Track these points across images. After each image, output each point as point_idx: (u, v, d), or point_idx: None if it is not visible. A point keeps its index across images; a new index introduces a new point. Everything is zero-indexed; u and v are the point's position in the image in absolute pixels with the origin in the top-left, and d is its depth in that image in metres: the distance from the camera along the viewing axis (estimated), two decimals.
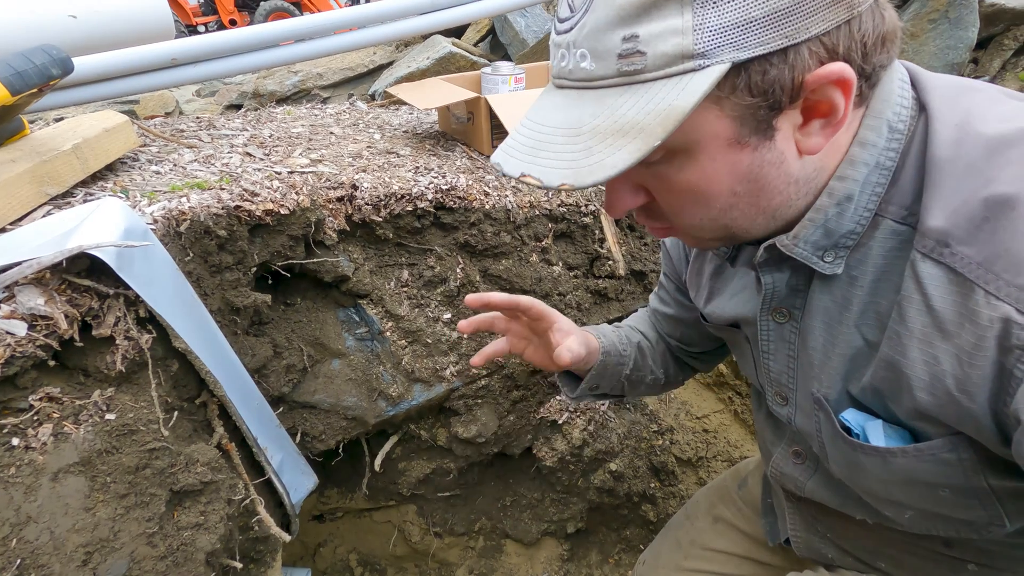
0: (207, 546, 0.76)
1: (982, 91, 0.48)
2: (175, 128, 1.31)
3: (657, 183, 0.49)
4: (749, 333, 0.66)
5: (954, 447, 0.49)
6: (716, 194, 0.47)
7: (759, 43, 0.39)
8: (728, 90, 0.41)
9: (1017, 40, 2.07)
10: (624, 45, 0.41)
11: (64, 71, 0.83)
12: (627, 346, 0.87)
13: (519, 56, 2.61)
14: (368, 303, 1.14)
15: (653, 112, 0.40)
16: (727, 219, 0.49)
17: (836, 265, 0.51)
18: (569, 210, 1.28)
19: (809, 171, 0.47)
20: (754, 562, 0.95)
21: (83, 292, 0.68)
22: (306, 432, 1.12)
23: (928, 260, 0.45)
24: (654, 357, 0.90)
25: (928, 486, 0.54)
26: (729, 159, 0.45)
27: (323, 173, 1.10)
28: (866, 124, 0.47)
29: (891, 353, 0.49)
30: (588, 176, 0.42)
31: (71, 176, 0.88)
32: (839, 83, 0.41)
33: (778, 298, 0.57)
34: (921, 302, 0.46)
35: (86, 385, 0.70)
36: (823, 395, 0.57)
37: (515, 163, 0.46)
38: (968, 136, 0.45)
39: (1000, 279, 0.41)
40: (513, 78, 1.37)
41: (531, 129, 0.47)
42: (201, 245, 0.86)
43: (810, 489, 0.70)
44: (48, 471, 0.63)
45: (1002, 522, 0.54)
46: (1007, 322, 0.41)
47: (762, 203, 0.48)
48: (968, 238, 0.43)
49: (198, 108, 4.38)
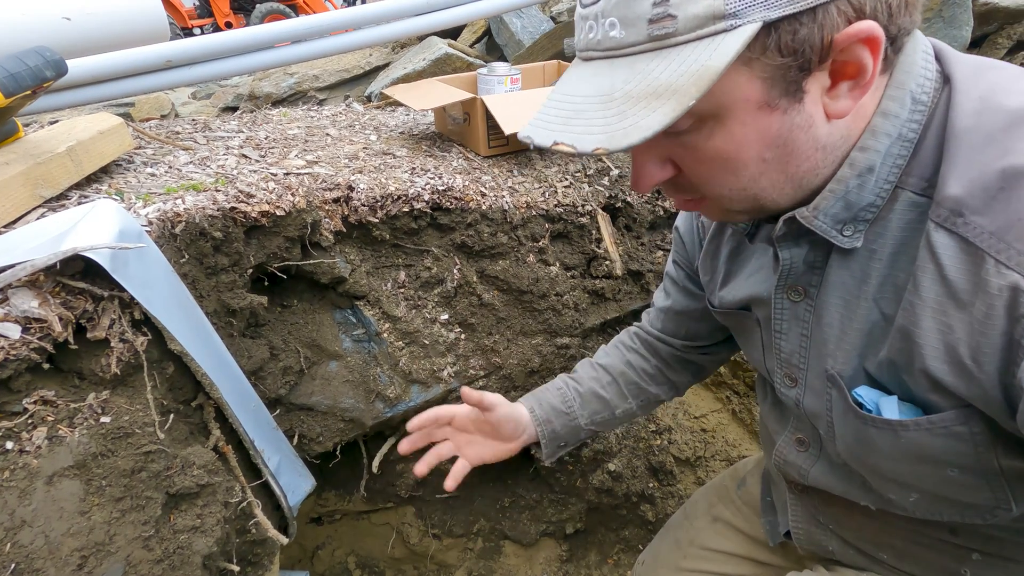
0: (204, 549, 0.76)
1: (1006, 68, 0.48)
2: (170, 130, 1.31)
3: (686, 153, 0.49)
4: (761, 315, 0.66)
5: (966, 419, 0.49)
6: (745, 160, 0.47)
7: (789, 2, 0.39)
8: (759, 51, 0.41)
9: (1011, 38, 2.08)
10: (655, 10, 0.41)
11: (58, 73, 0.83)
12: (572, 401, 0.90)
13: (515, 57, 2.61)
14: (365, 304, 1.14)
15: (687, 73, 0.40)
16: (756, 188, 0.49)
17: (855, 239, 0.51)
18: (566, 210, 1.28)
19: (836, 138, 0.47)
20: (753, 562, 0.95)
21: (77, 294, 0.68)
22: (303, 434, 1.12)
23: (942, 230, 0.45)
24: (617, 392, 0.92)
25: (936, 464, 0.53)
26: (759, 123, 0.44)
27: (319, 174, 1.09)
28: (888, 95, 0.47)
29: (905, 323, 0.49)
30: (624, 139, 0.41)
31: (65, 178, 0.88)
32: (867, 41, 0.42)
33: (795, 275, 0.57)
34: (935, 272, 0.46)
35: (81, 388, 0.70)
36: (837, 372, 0.57)
37: (546, 133, 0.46)
38: (990, 108, 0.45)
39: (1012, 248, 0.41)
40: (509, 79, 1.37)
41: (560, 102, 0.47)
42: (196, 247, 0.86)
43: (814, 476, 0.70)
44: (43, 475, 0.62)
45: (1008, 505, 0.54)
46: (1015, 290, 0.41)
47: (790, 169, 0.48)
48: (982, 208, 0.43)
49: (194, 111, 4.37)
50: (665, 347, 0.93)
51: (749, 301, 0.67)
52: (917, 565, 0.70)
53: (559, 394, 0.91)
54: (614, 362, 0.94)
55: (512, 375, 1.29)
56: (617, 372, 0.92)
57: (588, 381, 0.93)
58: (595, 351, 1.43)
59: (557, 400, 0.91)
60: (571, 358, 1.35)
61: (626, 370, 0.92)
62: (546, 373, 1.33)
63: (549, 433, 0.89)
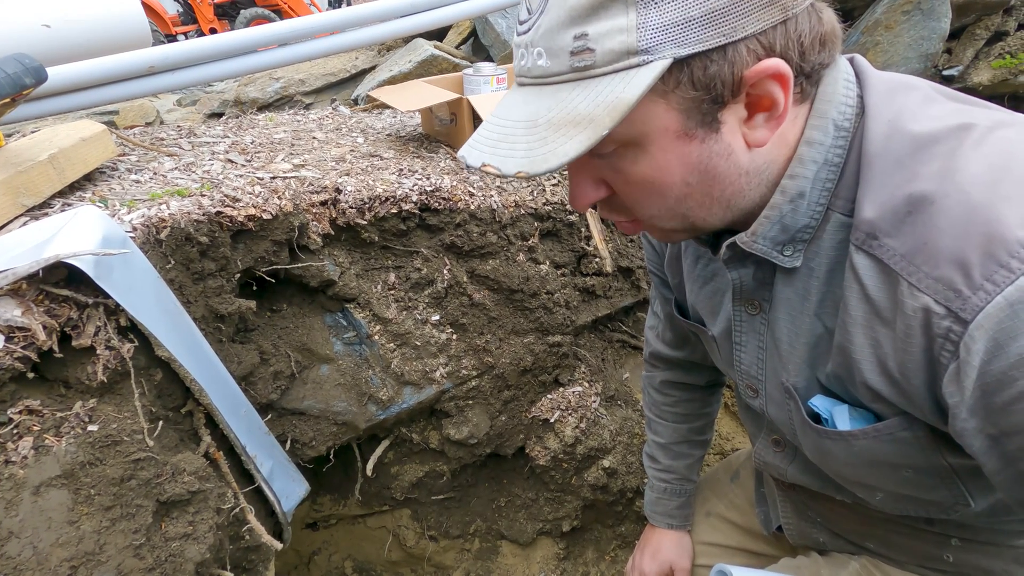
0: (196, 556, 0.75)
1: (918, 89, 0.50)
2: (155, 137, 1.30)
3: (615, 176, 0.51)
4: (721, 328, 0.68)
5: (909, 425, 0.51)
6: (670, 184, 0.49)
7: (698, 40, 0.42)
8: (672, 84, 0.43)
9: (988, 29, 2.11)
10: (575, 43, 0.43)
11: (37, 80, 0.82)
12: (686, 488, 1.00)
13: (501, 57, 2.62)
14: (355, 307, 1.14)
15: (602, 104, 0.43)
16: (683, 209, 0.51)
17: (795, 258, 0.53)
18: (555, 208, 1.29)
19: (759, 163, 0.49)
20: (748, 553, 0.96)
21: (61, 302, 0.67)
22: (296, 439, 1.11)
23: (861, 252, 0.47)
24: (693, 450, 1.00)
25: (891, 467, 0.56)
26: (679, 150, 0.47)
27: (306, 178, 1.09)
28: (811, 124, 0.49)
29: (841, 340, 0.51)
30: (543, 163, 0.44)
31: (48, 187, 0.87)
32: (776, 77, 0.44)
33: (747, 291, 0.59)
34: (859, 291, 0.48)
35: (67, 397, 0.69)
36: (792, 384, 0.59)
37: (477, 154, 0.48)
38: (897, 132, 0.47)
39: (920, 271, 0.43)
40: (495, 78, 1.38)
41: (494, 124, 0.49)
42: (182, 252, 0.85)
43: (792, 475, 0.72)
44: (29, 485, 0.62)
45: (966, 501, 0.57)
46: (928, 312, 0.43)
47: (715, 193, 0.50)
48: (893, 231, 0.45)
49: (179, 118, 4.34)
50: (686, 366, 0.95)
51: (711, 313, 0.69)
52: (902, 552, 0.72)
53: (678, 497, 1.00)
54: (673, 435, 0.99)
55: (505, 374, 1.29)
56: (682, 436, 0.98)
57: (682, 470, 1.00)
58: (587, 348, 1.43)
59: (684, 504, 1.00)
60: (563, 356, 1.35)
61: (680, 425, 0.98)
62: (538, 371, 1.33)
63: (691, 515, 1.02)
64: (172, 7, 8.60)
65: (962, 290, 0.41)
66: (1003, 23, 2.14)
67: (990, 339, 0.40)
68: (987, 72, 2.13)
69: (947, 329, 0.42)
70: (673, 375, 0.96)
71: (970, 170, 0.43)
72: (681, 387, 0.97)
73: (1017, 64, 2.07)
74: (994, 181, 0.42)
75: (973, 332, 0.41)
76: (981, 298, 0.40)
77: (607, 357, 1.49)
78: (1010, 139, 0.44)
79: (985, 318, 0.40)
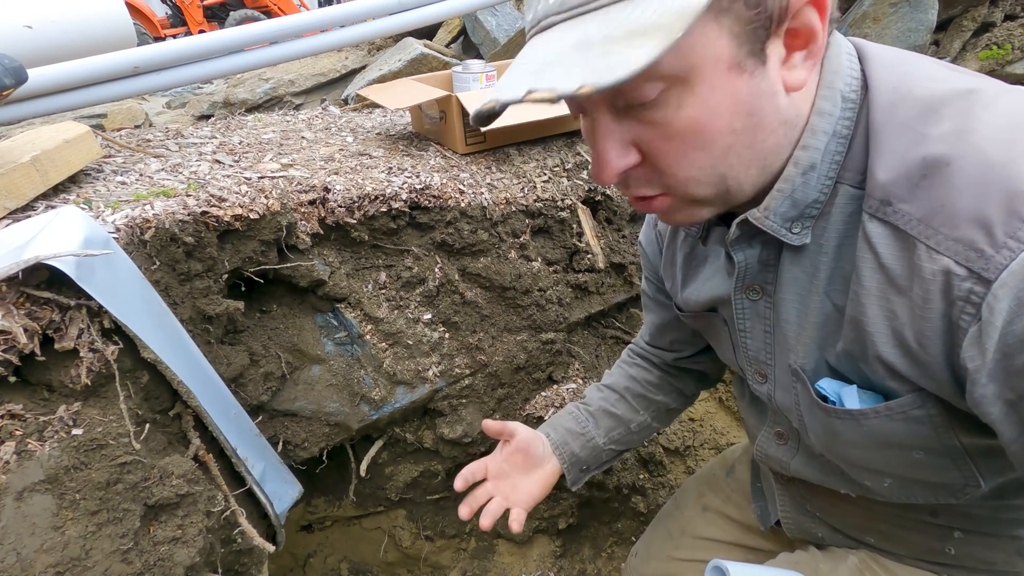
0: (186, 560, 0.74)
1: (919, 59, 0.50)
2: (141, 138, 1.28)
3: (652, 132, 0.47)
4: (726, 315, 0.67)
5: (922, 403, 0.50)
6: (716, 131, 0.46)
7: None
8: (728, 1, 0.41)
9: (975, 21, 2.12)
10: None
11: (17, 81, 0.81)
12: (586, 422, 0.91)
13: (491, 55, 2.61)
14: (346, 307, 1.13)
15: (669, 12, 0.39)
16: (725, 166, 0.48)
17: (804, 236, 0.52)
18: (546, 205, 1.28)
19: (792, 115, 0.48)
20: (745, 548, 0.95)
21: (43, 304, 0.66)
22: (288, 440, 1.10)
23: (874, 220, 0.47)
24: (627, 407, 0.93)
25: (902, 448, 0.55)
26: (729, 87, 0.44)
27: (294, 177, 1.08)
28: (821, 95, 0.49)
29: (854, 313, 0.50)
30: (608, 74, 0.38)
31: (30, 189, 0.85)
32: (816, 3, 0.43)
33: (751, 275, 0.58)
34: (873, 260, 0.47)
35: (50, 400, 0.68)
36: (800, 366, 0.58)
37: (514, 89, 0.42)
38: (902, 99, 0.47)
39: (939, 233, 0.43)
40: (484, 76, 1.37)
41: (526, 63, 0.44)
42: (168, 253, 0.84)
43: (795, 468, 0.71)
44: (12, 490, 0.61)
45: (976, 482, 0.56)
46: (948, 274, 0.42)
47: (757, 144, 0.48)
48: (908, 195, 0.45)
49: (168, 120, 4.30)
50: (660, 358, 0.94)
51: (712, 303, 0.68)
52: (903, 546, 0.71)
53: (571, 417, 0.92)
54: (618, 380, 0.95)
55: (498, 372, 1.28)
56: (622, 388, 0.94)
57: (597, 401, 0.94)
58: (580, 345, 1.43)
59: (570, 423, 0.91)
60: (556, 353, 1.35)
61: (630, 384, 0.94)
62: (532, 369, 1.33)
63: (569, 456, 0.89)
64: (161, 9, 8.54)
65: (984, 249, 0.40)
66: (990, 14, 2.15)
67: (1014, 297, 0.39)
68: (975, 63, 2.14)
69: (968, 291, 0.41)
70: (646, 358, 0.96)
71: (985, 131, 0.42)
72: (648, 363, 0.95)
73: (1004, 55, 2.08)
74: (1011, 140, 0.41)
75: (996, 291, 0.40)
76: (1005, 256, 0.39)
77: (601, 353, 1.49)
78: (1020, 101, 0.44)
79: (1010, 275, 0.39)
